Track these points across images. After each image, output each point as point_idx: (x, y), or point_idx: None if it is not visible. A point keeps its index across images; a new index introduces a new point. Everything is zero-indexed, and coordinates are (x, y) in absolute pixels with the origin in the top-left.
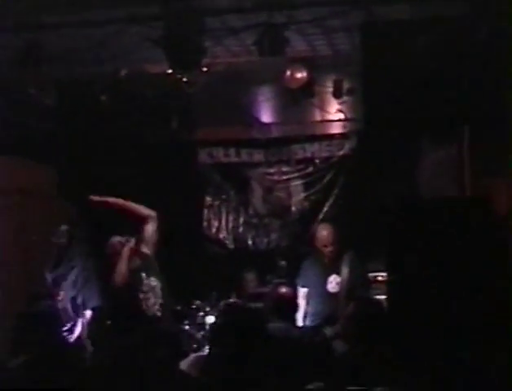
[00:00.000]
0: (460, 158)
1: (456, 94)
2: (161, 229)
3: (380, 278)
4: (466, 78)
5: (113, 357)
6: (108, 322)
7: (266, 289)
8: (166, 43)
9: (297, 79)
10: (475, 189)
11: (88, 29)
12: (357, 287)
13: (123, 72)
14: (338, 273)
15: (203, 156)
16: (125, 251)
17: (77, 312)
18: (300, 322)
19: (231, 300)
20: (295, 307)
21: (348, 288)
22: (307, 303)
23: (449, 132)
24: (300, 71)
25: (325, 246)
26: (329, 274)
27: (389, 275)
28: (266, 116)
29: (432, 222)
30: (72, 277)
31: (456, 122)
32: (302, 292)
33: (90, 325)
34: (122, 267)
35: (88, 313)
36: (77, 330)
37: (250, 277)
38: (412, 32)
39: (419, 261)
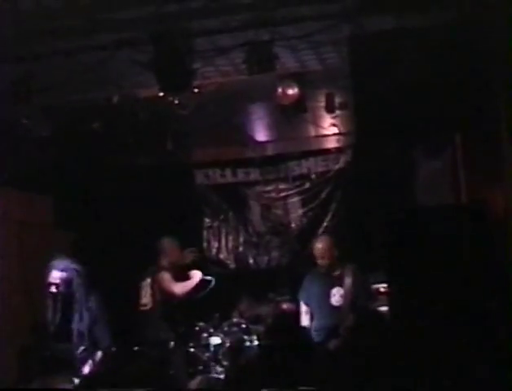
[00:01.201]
0: (454, 166)
1: (446, 102)
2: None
3: (382, 290)
4: (456, 87)
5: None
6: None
7: (267, 308)
8: (156, 66)
9: (289, 95)
10: (471, 197)
11: (77, 56)
12: (360, 298)
13: (115, 98)
14: (341, 285)
15: (199, 178)
16: None
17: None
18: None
19: (235, 319)
20: (298, 323)
21: (351, 300)
22: (311, 318)
23: (442, 141)
24: (291, 87)
25: (322, 258)
26: (332, 287)
27: (390, 286)
28: (260, 135)
29: (429, 231)
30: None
31: (448, 131)
32: (305, 307)
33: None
34: None
35: (99, 354)
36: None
37: (247, 303)
38: (399, 43)
39: (419, 270)
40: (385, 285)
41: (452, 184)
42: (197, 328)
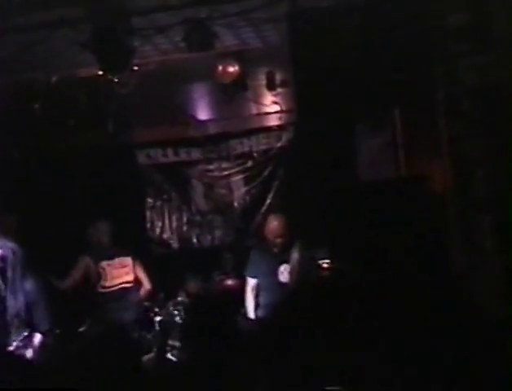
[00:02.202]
0: (393, 141)
1: (385, 78)
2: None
3: (325, 265)
4: (394, 62)
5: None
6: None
7: (212, 285)
8: (94, 45)
9: (229, 73)
10: (411, 170)
11: (14, 36)
12: (306, 274)
13: (54, 78)
14: (288, 262)
15: (141, 158)
16: None
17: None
18: (252, 314)
19: (180, 298)
20: (242, 298)
21: (298, 276)
22: (257, 294)
23: (381, 116)
24: (231, 65)
25: (277, 236)
26: (279, 264)
27: (333, 261)
28: (201, 113)
29: (370, 204)
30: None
31: (387, 105)
32: (252, 282)
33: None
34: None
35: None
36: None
37: (193, 282)
38: (337, 18)
39: (362, 244)
40: (328, 261)
41: (392, 159)
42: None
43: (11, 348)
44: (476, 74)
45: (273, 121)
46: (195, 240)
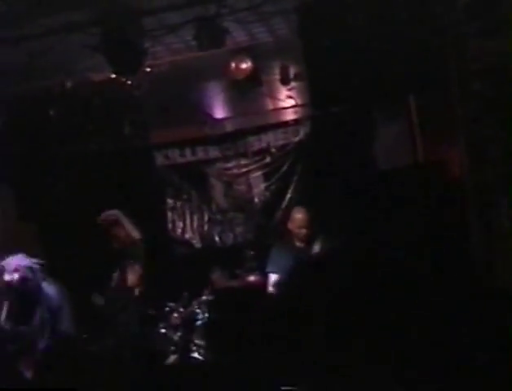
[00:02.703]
0: (410, 128)
1: (400, 66)
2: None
3: None
4: (408, 50)
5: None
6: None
7: (235, 282)
8: (106, 48)
9: (243, 69)
10: (428, 156)
11: (25, 43)
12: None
13: (68, 84)
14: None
15: (159, 159)
16: None
17: None
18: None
19: (204, 297)
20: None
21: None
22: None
23: (397, 103)
24: (244, 61)
25: (302, 227)
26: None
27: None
28: (217, 111)
29: (391, 193)
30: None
31: (402, 93)
32: (273, 278)
33: None
34: None
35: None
36: None
37: (220, 273)
38: (348, 8)
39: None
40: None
41: (409, 147)
42: (167, 309)
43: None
44: (489, 54)
45: (290, 116)
46: (217, 239)
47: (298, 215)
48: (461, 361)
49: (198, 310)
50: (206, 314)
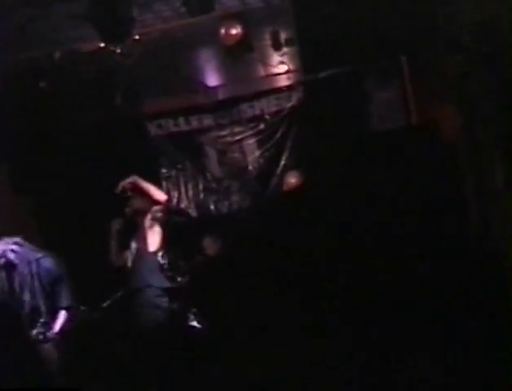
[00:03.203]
0: (403, 90)
1: (391, 28)
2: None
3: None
4: (399, 12)
5: None
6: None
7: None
8: (93, 17)
9: (233, 35)
10: (422, 118)
11: (9, 13)
12: None
13: (57, 55)
14: None
15: (153, 129)
16: None
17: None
18: None
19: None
20: None
21: None
22: None
23: (388, 65)
24: (234, 27)
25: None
26: None
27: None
28: (209, 79)
29: (385, 153)
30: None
31: (394, 55)
32: None
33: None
34: None
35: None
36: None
37: (211, 240)
38: None
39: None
40: None
41: (402, 108)
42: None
43: (32, 336)
44: (476, 8)
45: (282, 82)
46: (212, 207)
47: (292, 180)
48: (454, 327)
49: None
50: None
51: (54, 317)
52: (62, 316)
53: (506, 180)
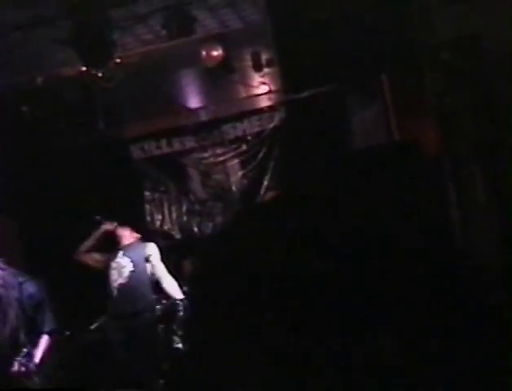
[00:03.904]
0: (384, 108)
1: (371, 46)
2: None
3: None
4: (379, 31)
5: None
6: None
7: None
8: (75, 41)
9: (214, 57)
10: (403, 135)
11: None
12: None
13: (39, 79)
14: None
15: (135, 152)
16: None
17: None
18: None
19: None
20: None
21: None
22: None
23: (370, 84)
24: (215, 48)
25: None
26: None
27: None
28: (191, 101)
29: (368, 173)
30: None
31: (375, 73)
32: None
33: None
34: None
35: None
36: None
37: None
38: None
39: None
40: None
41: (385, 127)
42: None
43: (13, 368)
44: (456, 24)
45: (264, 102)
46: (196, 229)
47: None
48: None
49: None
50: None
51: (35, 344)
52: (44, 342)
53: (487, 194)
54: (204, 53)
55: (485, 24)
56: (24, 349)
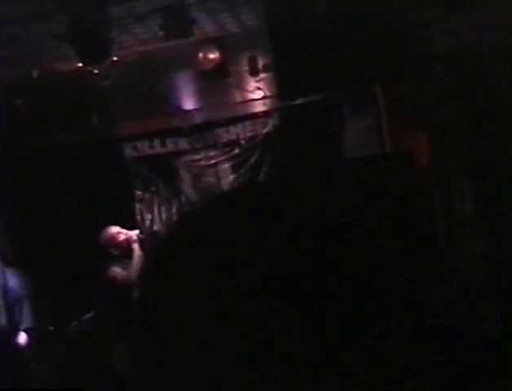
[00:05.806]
0: (378, 118)
1: (367, 55)
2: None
3: None
4: (376, 40)
5: None
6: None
7: None
8: (72, 37)
9: (211, 60)
10: (395, 146)
11: None
12: None
13: (35, 73)
14: None
15: (128, 151)
16: None
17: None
18: None
19: None
20: None
21: None
22: None
23: (364, 94)
24: (212, 51)
25: None
26: None
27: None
28: (185, 103)
29: (358, 181)
30: None
31: (370, 83)
32: None
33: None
34: None
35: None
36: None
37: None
38: None
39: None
40: None
41: (377, 138)
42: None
43: None
44: (450, 38)
45: (258, 107)
46: None
47: None
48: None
49: None
50: None
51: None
52: (22, 338)
53: (476, 207)
54: (201, 55)
55: (479, 38)
56: None
